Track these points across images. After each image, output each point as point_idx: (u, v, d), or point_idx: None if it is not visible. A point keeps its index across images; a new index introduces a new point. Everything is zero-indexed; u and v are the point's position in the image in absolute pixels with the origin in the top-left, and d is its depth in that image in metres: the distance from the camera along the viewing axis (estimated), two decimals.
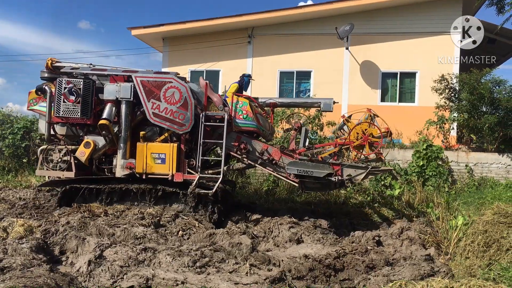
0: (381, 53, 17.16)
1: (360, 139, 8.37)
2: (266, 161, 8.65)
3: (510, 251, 5.65)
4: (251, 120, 8.77)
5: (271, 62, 17.46)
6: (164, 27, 17.67)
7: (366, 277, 5.28)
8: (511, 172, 13.51)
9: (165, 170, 8.36)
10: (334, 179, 8.18)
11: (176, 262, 5.52)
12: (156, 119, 8.38)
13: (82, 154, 8.55)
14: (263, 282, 4.81)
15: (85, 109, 8.49)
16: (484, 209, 7.12)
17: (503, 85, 14.19)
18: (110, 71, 8.92)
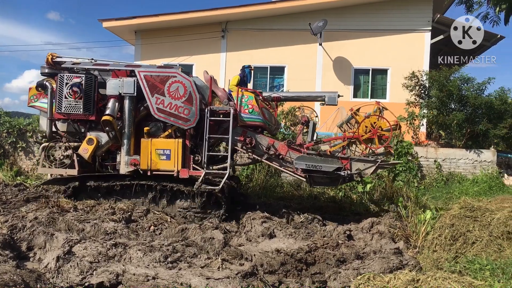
0: (353, 49, 17.35)
1: (369, 133, 8.33)
2: (273, 156, 8.58)
3: (475, 244, 5.82)
4: (257, 114, 8.68)
5: (245, 57, 17.40)
6: (136, 19, 17.41)
7: (336, 271, 5.33)
8: (477, 168, 13.89)
9: (170, 166, 8.24)
10: (343, 173, 8.16)
11: (147, 258, 5.46)
12: (160, 115, 8.23)
13: (85, 151, 8.35)
14: (234, 277, 4.80)
15: (87, 105, 8.31)
16: (451, 204, 7.30)
17: (471, 82, 14.56)
18: (112, 66, 8.71)
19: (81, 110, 8.25)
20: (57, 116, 8.47)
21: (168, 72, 8.30)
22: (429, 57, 17.02)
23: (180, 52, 17.51)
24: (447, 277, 3.67)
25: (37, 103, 8.95)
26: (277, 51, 17.54)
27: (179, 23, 17.47)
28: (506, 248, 5.64)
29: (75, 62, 8.73)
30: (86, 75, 8.35)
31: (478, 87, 14.55)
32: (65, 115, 8.37)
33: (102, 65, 8.67)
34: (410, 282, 3.60)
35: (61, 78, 8.30)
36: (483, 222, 6.15)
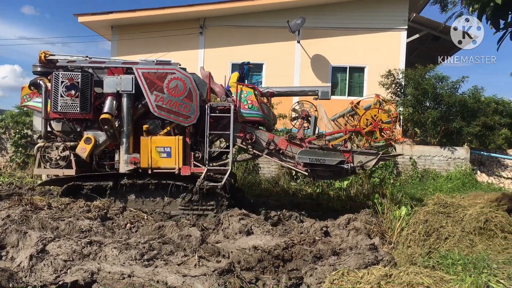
0: (331, 47, 17.47)
1: (370, 125, 8.40)
2: (273, 151, 8.59)
3: (448, 239, 5.94)
4: (257, 110, 8.65)
5: (223, 54, 17.38)
6: (112, 14, 17.16)
7: (313, 267, 5.37)
8: (451, 165, 14.17)
9: (171, 164, 8.18)
10: (346, 166, 8.22)
11: (123, 255, 5.41)
12: (160, 112, 8.15)
13: (83, 151, 8.20)
14: (211, 274, 4.80)
15: (84, 104, 8.12)
16: (426, 200, 7.42)
17: (445, 81, 14.84)
18: (108, 63, 8.56)
19: (78, 109, 8.08)
20: (52, 115, 8.27)
21: (166, 69, 8.21)
22: (405, 56, 17.26)
23: (157, 48, 17.35)
24: (419, 272, 3.74)
25: (31, 102, 8.71)
26: (256, 48, 17.54)
27: (156, 18, 17.31)
28: (477, 243, 5.77)
29: (70, 60, 8.54)
30: (82, 73, 8.16)
31: (452, 85, 14.85)
32: (61, 114, 8.19)
33: (98, 63, 8.51)
34: (383, 277, 3.66)
35: (56, 77, 8.10)
36: (456, 218, 6.27)
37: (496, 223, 6.05)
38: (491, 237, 5.92)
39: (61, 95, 8.06)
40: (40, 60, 8.56)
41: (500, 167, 15.15)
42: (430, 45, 20.06)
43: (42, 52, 8.55)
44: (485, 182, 14.12)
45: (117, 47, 17.93)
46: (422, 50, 21.20)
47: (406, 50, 17.36)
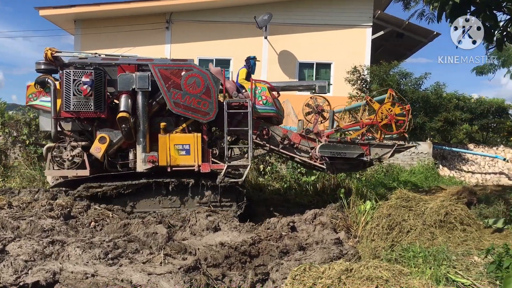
0: (298, 43, 17.57)
1: (386, 119, 8.63)
2: (287, 146, 8.69)
3: (410, 232, 6.09)
4: (271, 105, 8.69)
5: (190, 49, 17.22)
6: (75, 8, 16.71)
7: (279, 262, 5.41)
8: (415, 159, 14.52)
9: (191, 162, 8.08)
10: (366, 159, 8.45)
11: (86, 255, 5.30)
12: (178, 109, 8.03)
13: (98, 150, 7.96)
14: (177, 272, 4.77)
15: (98, 102, 7.86)
16: (389, 194, 7.58)
17: (409, 77, 15.18)
18: (122, 60, 8.30)
19: (92, 108, 7.82)
20: (64, 115, 7.98)
21: (183, 66, 8.13)
22: (370, 52, 17.54)
23: (123, 42, 17.04)
24: (378, 266, 3.82)
25: (37, 101, 8.34)
26: (223, 43, 17.47)
27: (121, 12, 16.99)
28: (438, 235, 5.94)
29: (81, 57, 8.25)
30: (95, 70, 7.89)
31: (415, 81, 15.21)
32: (73, 113, 7.92)
33: (111, 60, 8.29)
34: (343, 271, 3.72)
35: (68, 75, 7.82)
36: (417, 211, 6.45)
37: (455, 216, 6.25)
38: (451, 229, 6.12)
39: (74, 93, 7.79)
40: (46, 58, 8.16)
41: (461, 161, 15.62)
42: (394, 42, 20.45)
43: (48, 49, 8.17)
44: (447, 176, 14.54)
45: (80, 41, 17.50)
46: (387, 47, 21.61)
47: (371, 46, 17.65)
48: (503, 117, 15.61)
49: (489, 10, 5.16)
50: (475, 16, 5.16)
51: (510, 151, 14.90)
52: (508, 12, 5.62)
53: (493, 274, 4.38)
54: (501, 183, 13.74)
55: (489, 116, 15.22)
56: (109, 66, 8.18)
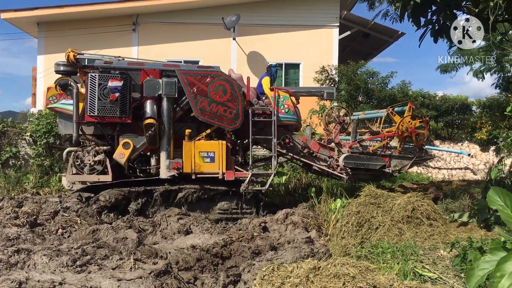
0: (267, 44, 17.64)
1: (406, 131, 8.92)
2: (307, 154, 8.77)
3: (379, 229, 6.20)
4: (292, 114, 8.75)
5: (158, 51, 17.05)
6: (38, 11, 16.30)
7: (251, 263, 5.42)
8: None
9: (215, 169, 8.04)
10: (388, 170, 8.71)
11: (54, 263, 5.18)
12: (204, 117, 7.97)
13: (122, 156, 7.84)
14: (147, 277, 4.71)
15: (124, 107, 7.74)
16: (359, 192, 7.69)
17: (375, 76, 15.44)
18: (149, 65, 8.20)
19: (117, 113, 7.72)
20: (88, 119, 7.82)
21: (210, 73, 8.07)
22: (338, 52, 17.76)
23: (88, 45, 16.69)
24: (345, 263, 3.88)
25: (58, 104, 8.10)
26: (191, 45, 17.38)
27: (86, 15, 16.67)
28: (405, 231, 6.07)
29: (107, 61, 8.07)
30: (121, 75, 7.76)
31: (382, 80, 15.48)
32: (98, 118, 7.77)
33: (137, 65, 8.20)
34: (311, 270, 3.76)
35: (93, 78, 7.68)
36: (386, 208, 6.57)
37: (422, 211, 6.40)
38: (418, 224, 6.25)
39: (99, 98, 7.67)
40: (68, 60, 7.93)
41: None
42: (361, 41, 20.79)
43: (70, 50, 7.94)
44: (414, 172, 14.84)
45: (44, 44, 17.08)
46: (354, 47, 21.94)
47: (338, 46, 17.87)
48: (467, 113, 16.02)
49: (449, 9, 5.30)
50: (436, 16, 5.29)
51: (474, 146, 15.32)
52: (467, 11, 5.78)
53: (458, 267, 4.50)
54: (466, 178, 14.12)
55: (454, 113, 15.61)
56: (133, 71, 8.12)
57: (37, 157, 12.90)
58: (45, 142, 12.92)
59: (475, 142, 15.16)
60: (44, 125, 12.95)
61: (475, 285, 2.12)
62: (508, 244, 2.19)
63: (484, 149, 15.16)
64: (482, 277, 2.13)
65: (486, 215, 6.55)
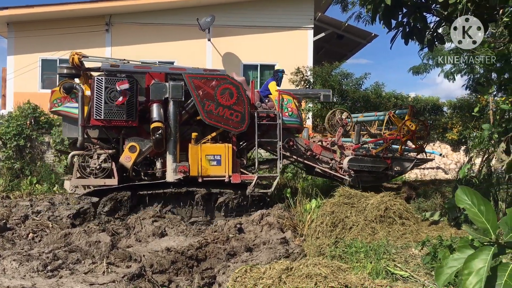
0: (242, 45, 17.62)
1: (408, 134, 9.03)
2: (310, 156, 8.83)
3: (352, 229, 6.27)
4: (296, 117, 8.83)
5: (132, 52, 16.78)
6: (7, 10, 15.88)
7: (226, 265, 5.40)
8: None
9: (221, 172, 8.07)
10: (390, 172, 8.83)
11: (24, 268, 5.07)
12: (210, 120, 7.99)
13: (128, 159, 7.78)
14: (120, 280, 4.66)
15: (130, 111, 7.68)
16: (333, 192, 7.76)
17: (350, 78, 15.63)
18: (155, 68, 8.21)
19: (124, 116, 7.65)
20: (94, 122, 7.72)
21: (217, 76, 8.09)
22: (312, 54, 17.88)
23: (60, 46, 16.40)
24: (318, 263, 3.91)
25: (62, 107, 7.97)
26: (166, 46, 17.23)
27: (58, 15, 16.34)
28: (379, 230, 6.15)
29: (113, 64, 7.99)
30: (128, 78, 7.70)
31: (356, 82, 15.69)
32: (104, 121, 7.68)
33: (143, 68, 8.16)
34: (284, 270, 3.78)
35: (99, 81, 7.59)
36: (359, 207, 6.65)
37: (394, 211, 6.50)
38: (390, 224, 6.35)
39: (106, 101, 7.59)
40: (72, 62, 7.88)
41: None
42: (335, 43, 20.97)
43: (74, 53, 7.88)
44: None
45: (14, 45, 16.67)
46: (328, 48, 22.12)
47: (313, 48, 17.99)
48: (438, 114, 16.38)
49: (419, 12, 5.40)
50: (406, 18, 5.39)
51: (446, 146, 15.64)
52: (436, 14, 5.90)
53: (429, 265, 4.58)
54: (438, 177, 14.40)
55: (426, 113, 15.93)
56: (138, 74, 8.10)
57: (7, 160, 12.60)
58: (15, 144, 12.64)
59: (446, 142, 15.49)
60: (14, 127, 12.67)
61: (444, 283, 2.16)
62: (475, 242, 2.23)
63: (455, 149, 15.51)
64: (450, 275, 2.16)
65: (456, 213, 6.69)
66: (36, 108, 13.50)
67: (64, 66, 8.11)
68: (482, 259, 2.00)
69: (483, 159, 9.80)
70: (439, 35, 6.02)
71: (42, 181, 12.43)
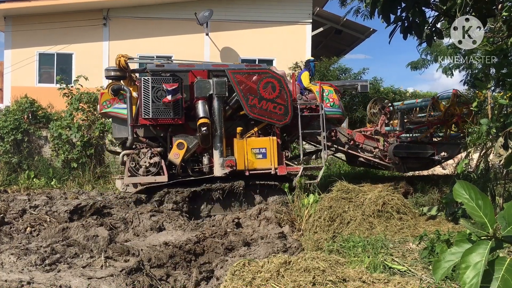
0: (240, 40, 17.58)
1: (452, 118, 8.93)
2: (353, 146, 8.91)
3: (350, 223, 6.28)
4: (337, 107, 8.91)
5: (129, 46, 16.74)
6: (5, 4, 15.79)
7: (224, 259, 5.41)
8: None
9: (267, 165, 8.23)
10: (437, 157, 8.74)
11: (22, 262, 5.07)
12: (254, 114, 8.13)
13: (177, 156, 7.97)
14: (119, 274, 4.66)
15: (177, 109, 7.86)
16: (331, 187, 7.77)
17: (348, 72, 15.63)
18: (199, 66, 8.40)
19: (171, 114, 7.86)
20: (143, 121, 7.94)
21: (259, 71, 8.23)
22: (311, 48, 17.85)
23: (57, 40, 16.34)
24: (316, 257, 3.92)
25: (111, 109, 8.24)
26: (164, 40, 17.18)
27: (55, 9, 16.25)
28: (376, 225, 6.16)
29: (158, 64, 8.19)
30: (173, 77, 7.89)
31: (354, 76, 15.69)
32: (152, 120, 7.88)
33: (187, 66, 8.34)
34: (282, 264, 3.79)
35: (146, 81, 7.79)
36: (357, 202, 6.66)
37: (392, 206, 6.51)
38: (388, 218, 6.36)
39: (153, 100, 7.78)
40: (119, 64, 8.09)
41: None
42: (333, 38, 20.94)
43: (120, 55, 8.10)
44: None
45: (11, 39, 16.58)
46: (326, 43, 22.09)
47: (311, 43, 17.96)
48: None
49: (418, 6, 5.38)
50: (405, 13, 5.37)
51: None
52: (435, 8, 5.89)
53: (426, 259, 4.60)
54: (435, 172, 14.41)
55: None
56: (182, 72, 8.26)
57: (5, 154, 12.58)
58: (13, 138, 12.61)
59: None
60: (12, 121, 12.64)
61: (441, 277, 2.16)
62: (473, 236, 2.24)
63: None
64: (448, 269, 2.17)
65: (454, 208, 6.71)
66: (33, 102, 13.47)
67: (111, 69, 8.35)
68: (480, 253, 2.00)
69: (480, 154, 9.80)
70: (437, 30, 6.00)
71: (39, 176, 12.42)
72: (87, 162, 12.71)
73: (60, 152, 12.76)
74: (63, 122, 12.82)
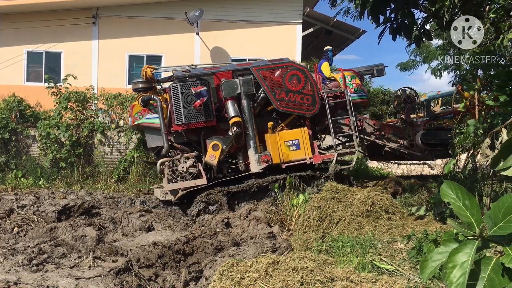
0: (231, 39, 17.55)
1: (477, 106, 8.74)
2: (379, 136, 8.95)
3: (339, 223, 6.31)
4: (361, 92, 9.02)
5: (119, 45, 16.69)
6: None
7: (213, 259, 5.41)
8: None
9: (302, 155, 8.35)
10: None
11: (8, 262, 5.02)
12: (283, 107, 8.27)
13: (213, 158, 8.10)
14: (107, 274, 4.63)
15: (208, 112, 7.99)
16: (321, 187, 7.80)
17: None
18: (224, 68, 8.55)
19: (203, 118, 7.98)
20: (176, 128, 8.05)
21: (282, 64, 8.37)
22: (301, 49, 17.88)
23: (46, 38, 16.19)
24: (304, 257, 3.94)
25: (143, 120, 8.40)
26: (154, 39, 17.08)
27: (43, 7, 16.09)
28: (365, 225, 6.20)
29: (184, 70, 8.30)
30: (201, 81, 8.02)
31: None
32: (185, 125, 7.98)
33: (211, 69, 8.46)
34: (270, 264, 3.80)
35: (175, 88, 7.93)
36: (346, 202, 6.69)
37: (381, 206, 6.54)
38: (377, 218, 6.40)
39: (184, 106, 7.89)
40: (145, 76, 8.25)
41: None
42: (324, 39, 20.97)
43: (146, 67, 8.27)
44: (375, 167, 15.17)
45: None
46: (317, 44, 22.11)
47: (301, 43, 17.99)
48: None
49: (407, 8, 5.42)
50: (394, 14, 5.40)
51: None
52: (424, 10, 5.93)
53: (414, 259, 4.63)
54: (424, 173, 14.54)
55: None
56: (207, 76, 8.38)
57: None
58: (0, 138, 12.47)
59: None
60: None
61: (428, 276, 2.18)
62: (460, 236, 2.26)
63: None
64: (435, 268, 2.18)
65: (442, 208, 6.77)
66: (21, 101, 13.33)
67: (138, 81, 8.48)
68: (466, 253, 2.02)
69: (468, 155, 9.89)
70: (426, 31, 6.05)
71: (27, 175, 12.30)
72: (76, 161, 12.61)
73: (48, 151, 12.65)
74: (51, 121, 12.71)
